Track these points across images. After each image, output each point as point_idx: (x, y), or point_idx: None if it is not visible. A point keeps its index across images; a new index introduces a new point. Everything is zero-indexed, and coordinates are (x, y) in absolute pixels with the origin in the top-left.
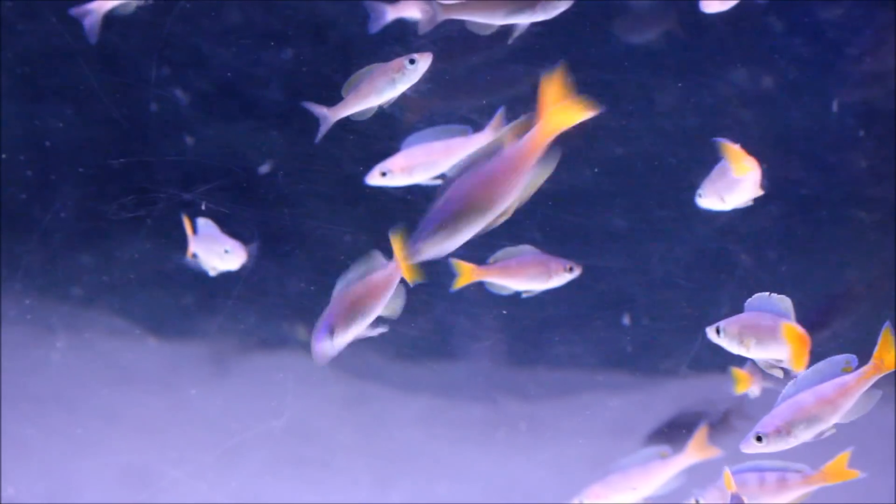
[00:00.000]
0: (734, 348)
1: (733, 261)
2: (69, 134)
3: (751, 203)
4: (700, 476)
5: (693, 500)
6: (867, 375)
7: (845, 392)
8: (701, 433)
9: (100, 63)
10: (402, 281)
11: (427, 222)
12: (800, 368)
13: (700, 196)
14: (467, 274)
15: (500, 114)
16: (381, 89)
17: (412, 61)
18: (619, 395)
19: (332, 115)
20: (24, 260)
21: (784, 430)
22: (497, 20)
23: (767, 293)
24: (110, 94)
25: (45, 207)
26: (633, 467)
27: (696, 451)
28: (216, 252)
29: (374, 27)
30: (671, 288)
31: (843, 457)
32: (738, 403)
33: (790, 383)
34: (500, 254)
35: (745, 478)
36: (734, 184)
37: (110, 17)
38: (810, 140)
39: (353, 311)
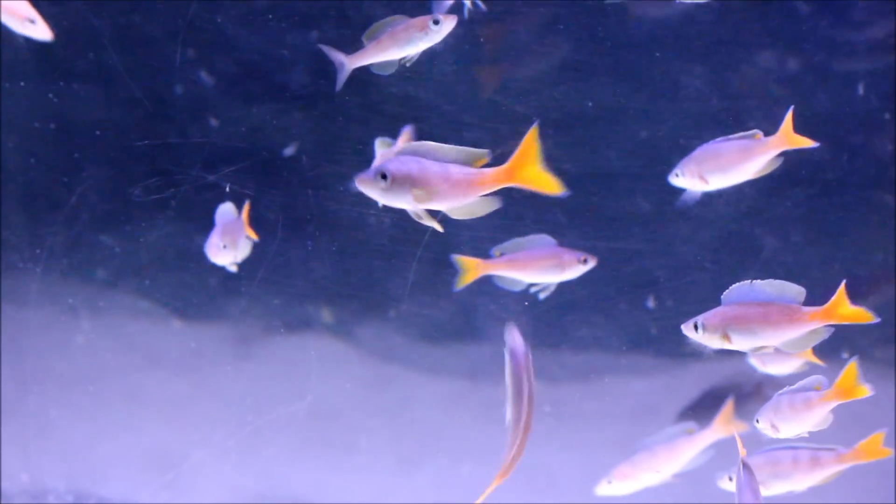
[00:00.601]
0: (714, 343)
1: (758, 243)
2: (94, 116)
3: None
4: (728, 452)
5: (726, 477)
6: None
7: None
8: (727, 408)
9: (125, 45)
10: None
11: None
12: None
13: (677, 175)
14: (472, 269)
15: (406, 132)
16: (402, 44)
17: (437, 21)
18: (644, 378)
19: (349, 63)
20: (48, 242)
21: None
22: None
23: (749, 281)
24: (135, 77)
25: (69, 189)
26: (659, 445)
27: (722, 426)
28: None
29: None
30: (696, 270)
31: (878, 436)
32: (763, 382)
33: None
34: (508, 244)
35: (779, 455)
36: (723, 166)
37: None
38: (836, 123)
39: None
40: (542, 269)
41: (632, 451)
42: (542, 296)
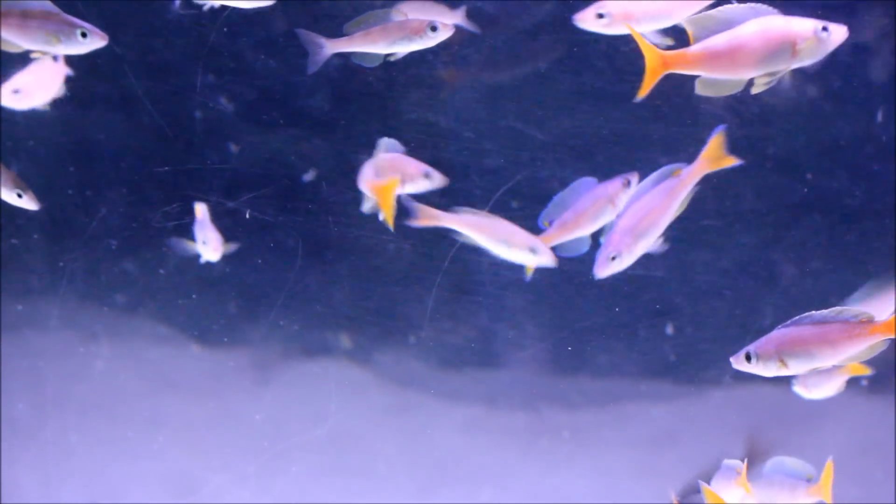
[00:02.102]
0: (769, 371)
1: (777, 271)
2: (114, 141)
3: None
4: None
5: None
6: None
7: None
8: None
9: (145, 71)
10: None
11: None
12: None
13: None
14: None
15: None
16: (392, 41)
17: (434, 28)
18: (662, 405)
19: (330, 46)
20: (68, 267)
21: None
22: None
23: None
24: (155, 102)
25: (89, 214)
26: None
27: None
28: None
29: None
30: (715, 297)
31: None
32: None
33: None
34: (552, 207)
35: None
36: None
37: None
38: (855, 150)
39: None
40: (595, 216)
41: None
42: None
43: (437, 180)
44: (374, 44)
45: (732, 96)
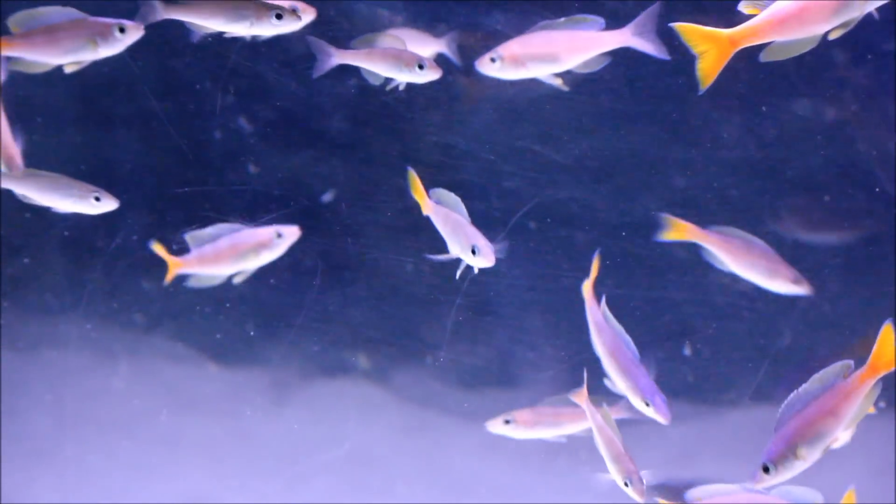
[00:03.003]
0: (794, 470)
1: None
2: (134, 162)
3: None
4: None
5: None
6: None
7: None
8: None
9: (165, 92)
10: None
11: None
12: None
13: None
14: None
15: None
16: (388, 67)
17: (421, 66)
18: (681, 426)
19: (338, 57)
20: (87, 287)
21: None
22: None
23: (796, 391)
24: (175, 123)
25: (109, 235)
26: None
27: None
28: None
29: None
30: (733, 319)
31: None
32: None
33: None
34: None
35: None
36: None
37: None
38: (873, 171)
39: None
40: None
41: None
42: None
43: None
44: (374, 64)
45: (750, 119)
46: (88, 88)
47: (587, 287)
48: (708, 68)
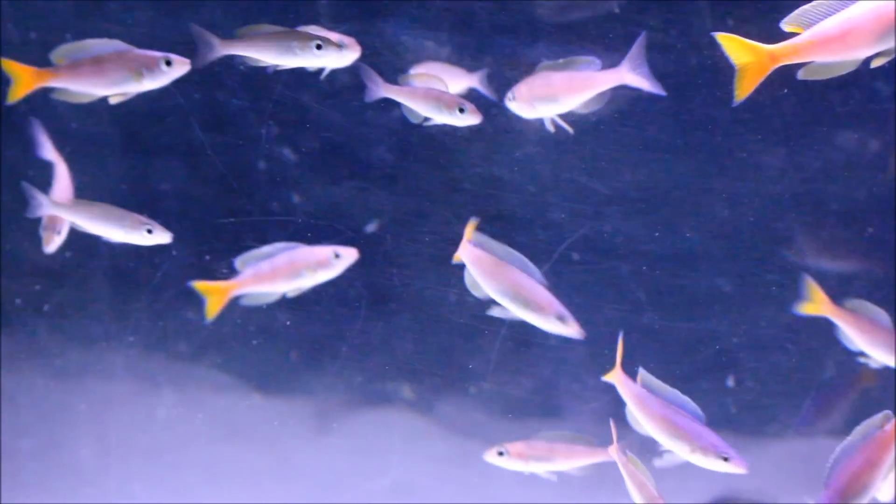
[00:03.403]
0: None
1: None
2: (179, 191)
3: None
4: None
5: None
6: None
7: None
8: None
9: (210, 122)
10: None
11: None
12: None
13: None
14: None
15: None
16: (428, 107)
17: (462, 110)
18: None
19: (384, 90)
20: (133, 316)
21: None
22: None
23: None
24: (220, 153)
25: (154, 264)
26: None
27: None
28: None
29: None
30: (777, 351)
31: None
32: None
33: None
34: None
35: None
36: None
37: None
38: None
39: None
40: None
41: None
42: None
43: None
44: (416, 103)
45: (795, 151)
46: (135, 119)
47: (616, 375)
48: (746, 81)
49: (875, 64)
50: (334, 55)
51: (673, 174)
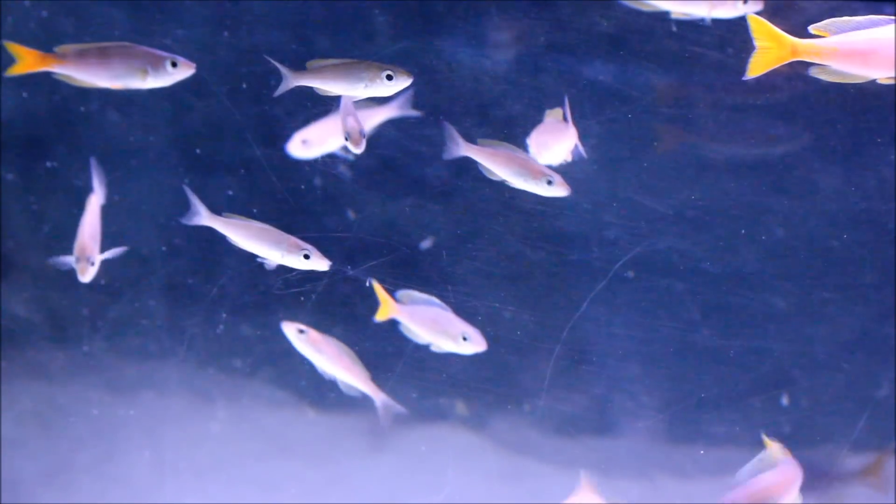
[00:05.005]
0: None
1: None
2: (235, 208)
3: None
4: None
5: None
6: None
7: None
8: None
9: (266, 138)
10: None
11: None
12: None
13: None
14: None
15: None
16: (511, 174)
17: (550, 182)
18: None
19: (464, 149)
20: (188, 332)
21: None
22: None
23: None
24: (276, 169)
25: (210, 281)
26: None
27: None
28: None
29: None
30: (832, 370)
31: None
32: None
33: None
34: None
35: None
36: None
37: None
38: None
39: None
40: None
41: None
42: None
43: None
44: (499, 167)
45: (851, 170)
46: (191, 135)
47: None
48: (761, 63)
49: (882, 81)
50: (404, 84)
51: (728, 192)
